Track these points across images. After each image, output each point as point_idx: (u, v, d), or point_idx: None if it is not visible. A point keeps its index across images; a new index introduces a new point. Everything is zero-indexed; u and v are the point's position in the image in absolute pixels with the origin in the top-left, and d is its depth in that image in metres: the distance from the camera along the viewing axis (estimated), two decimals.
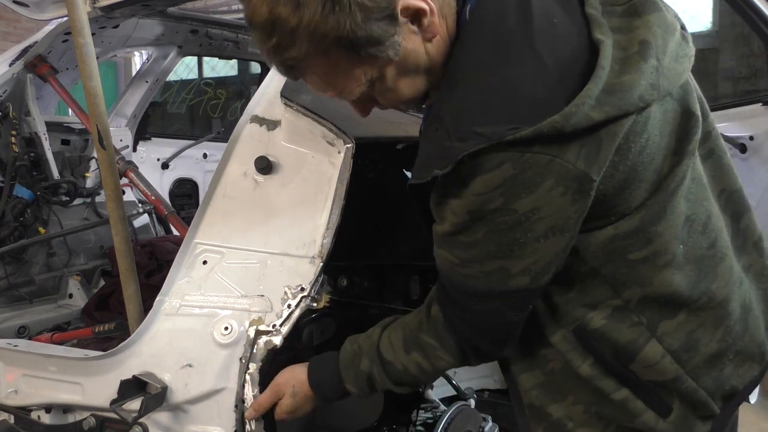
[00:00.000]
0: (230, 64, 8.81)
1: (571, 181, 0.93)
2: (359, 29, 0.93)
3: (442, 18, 1.01)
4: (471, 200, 0.96)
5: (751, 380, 1.15)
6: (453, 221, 1.00)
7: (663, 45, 0.98)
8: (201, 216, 1.56)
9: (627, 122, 0.95)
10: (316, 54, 0.97)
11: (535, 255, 0.99)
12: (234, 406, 1.46)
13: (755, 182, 2.63)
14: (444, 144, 0.95)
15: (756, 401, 2.29)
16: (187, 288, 1.53)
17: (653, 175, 1.01)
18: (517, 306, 1.07)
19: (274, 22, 0.94)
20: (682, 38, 1.04)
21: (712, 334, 1.09)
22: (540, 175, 0.92)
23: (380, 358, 1.24)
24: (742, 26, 3.40)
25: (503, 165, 0.92)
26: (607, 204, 1.00)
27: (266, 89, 1.60)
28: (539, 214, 0.95)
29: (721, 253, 1.10)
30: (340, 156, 1.47)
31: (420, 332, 1.19)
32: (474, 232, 0.99)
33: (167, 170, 4.01)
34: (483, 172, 0.93)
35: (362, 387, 1.28)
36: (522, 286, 1.03)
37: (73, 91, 2.98)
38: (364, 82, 1.02)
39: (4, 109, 2.79)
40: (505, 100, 0.93)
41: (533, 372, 1.17)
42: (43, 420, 1.74)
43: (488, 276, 1.03)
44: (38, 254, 2.93)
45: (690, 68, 1.05)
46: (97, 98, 1.69)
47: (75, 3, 1.64)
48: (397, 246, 1.73)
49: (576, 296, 1.08)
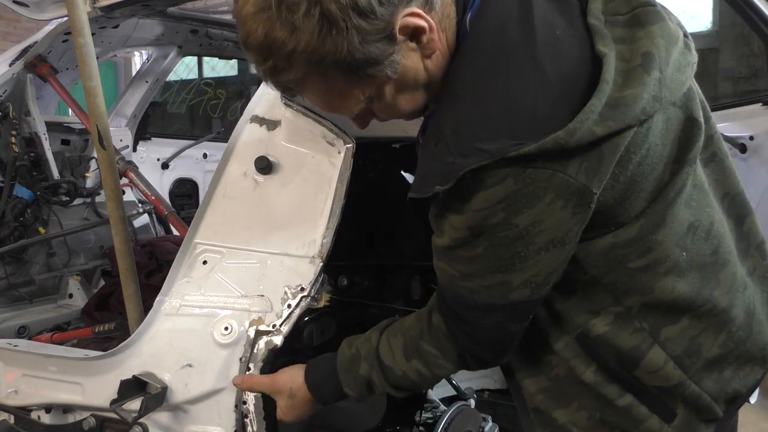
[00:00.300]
0: (230, 64, 8.81)
1: (571, 194, 0.92)
2: (357, 51, 0.92)
3: (442, 32, 0.99)
4: (471, 216, 0.95)
5: (754, 383, 1.15)
6: (452, 236, 0.99)
7: (666, 56, 0.97)
8: (201, 216, 1.56)
9: (629, 135, 0.94)
10: (313, 76, 0.96)
11: (536, 267, 0.99)
12: (234, 406, 1.46)
13: (755, 182, 2.63)
14: (445, 159, 0.93)
15: (756, 401, 2.29)
16: (187, 288, 1.53)
17: (653, 184, 1.01)
18: (518, 317, 1.07)
19: (270, 45, 0.93)
20: (684, 47, 1.03)
21: (715, 339, 1.08)
22: (542, 189, 0.91)
23: (380, 363, 1.23)
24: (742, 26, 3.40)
25: (505, 180, 0.91)
26: (607, 214, 0.99)
27: (266, 89, 1.59)
28: (540, 227, 0.94)
29: (723, 259, 1.09)
30: (340, 156, 1.47)
31: (421, 340, 1.18)
32: (474, 246, 0.98)
33: (167, 170, 4.01)
34: (485, 188, 0.92)
35: (361, 391, 1.27)
36: (523, 298, 1.02)
37: (73, 91, 2.98)
38: (363, 100, 1.01)
39: (4, 109, 2.79)
40: (506, 113, 0.92)
41: (538, 377, 1.17)
42: (43, 420, 1.74)
43: (489, 289, 1.02)
44: (38, 254, 2.93)
45: (692, 76, 1.04)
46: (97, 98, 1.69)
47: (75, 3, 1.64)
48: (397, 245, 1.73)
49: (578, 303, 1.08)
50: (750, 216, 1.17)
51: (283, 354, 1.47)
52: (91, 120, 1.71)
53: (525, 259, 0.97)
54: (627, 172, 0.97)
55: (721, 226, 1.10)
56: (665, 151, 1.01)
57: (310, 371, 1.33)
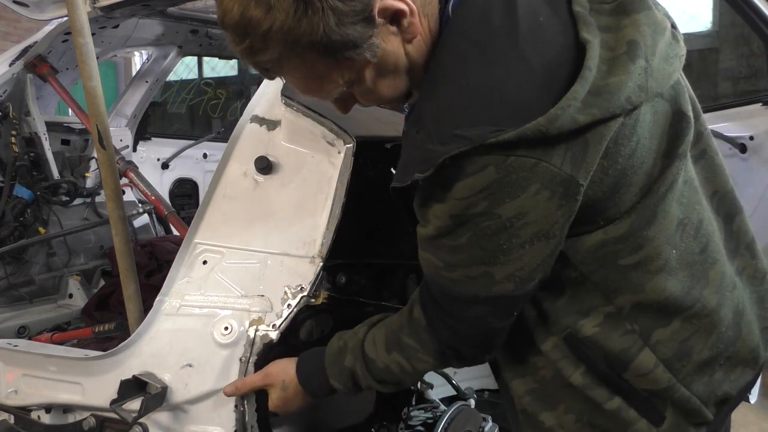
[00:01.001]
0: (230, 64, 8.80)
1: (557, 185, 0.91)
2: (333, 33, 0.91)
3: (424, 17, 0.98)
4: (454, 204, 0.94)
5: (744, 385, 1.13)
6: (436, 225, 0.98)
7: (652, 45, 0.96)
8: (201, 216, 1.56)
9: (614, 125, 0.93)
10: (290, 57, 0.95)
11: (521, 261, 0.98)
12: (234, 406, 1.46)
13: (755, 182, 2.63)
14: (426, 146, 0.93)
15: (756, 401, 2.28)
16: (187, 288, 1.53)
17: (643, 179, 1.00)
18: (501, 313, 1.05)
19: (246, 24, 0.92)
20: (672, 38, 1.02)
21: (705, 342, 1.07)
22: (525, 179, 0.90)
23: (363, 355, 1.23)
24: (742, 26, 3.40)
25: (486, 168, 0.90)
26: (596, 208, 0.98)
27: (266, 89, 1.60)
28: (524, 219, 0.93)
29: (712, 258, 1.08)
30: (340, 156, 1.47)
31: (401, 333, 1.18)
32: (458, 236, 0.97)
33: (167, 170, 4.01)
34: (465, 176, 0.91)
35: (346, 383, 1.27)
36: (506, 292, 1.01)
37: (73, 91, 2.98)
38: (342, 83, 1.00)
39: (4, 109, 2.79)
40: (487, 101, 0.91)
41: (525, 379, 1.15)
42: (43, 420, 1.74)
43: (473, 281, 1.01)
44: (38, 254, 2.93)
45: (681, 68, 1.03)
46: (97, 98, 1.70)
47: (75, 3, 1.64)
48: (397, 245, 1.72)
49: (567, 303, 1.06)
50: (739, 215, 1.16)
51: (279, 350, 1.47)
52: (91, 120, 1.71)
53: (509, 252, 0.96)
54: (617, 165, 0.96)
55: (709, 224, 1.09)
56: (654, 144, 1.00)
57: (301, 364, 1.33)
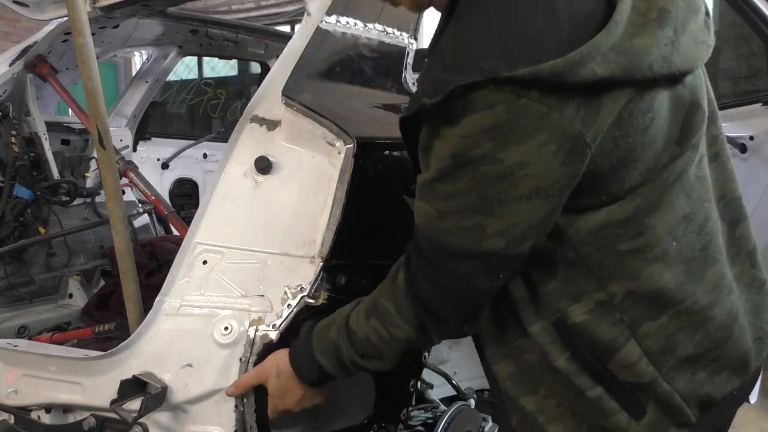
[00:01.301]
0: (230, 64, 8.82)
1: (565, 140, 0.91)
2: None
3: None
4: (457, 142, 0.93)
5: (730, 392, 1.12)
6: (437, 167, 0.98)
7: (683, 20, 0.96)
8: (201, 216, 1.56)
9: (630, 92, 0.93)
10: None
11: (515, 216, 0.96)
12: (234, 406, 1.46)
13: (755, 182, 2.64)
14: (439, 75, 0.93)
15: (756, 401, 2.29)
16: (187, 288, 1.53)
17: (651, 160, 0.99)
18: (488, 272, 1.03)
19: None
20: (705, 24, 1.02)
21: (691, 339, 1.06)
22: (534, 128, 0.89)
23: (347, 327, 1.22)
24: (742, 26, 3.40)
25: (496, 107, 0.89)
26: (599, 180, 0.98)
27: (266, 89, 1.60)
28: (526, 170, 0.92)
29: (712, 257, 1.08)
30: (340, 156, 1.47)
31: (380, 297, 1.18)
32: (456, 179, 0.96)
33: (167, 170, 4.00)
34: (474, 111, 0.90)
35: (330, 359, 1.25)
36: (496, 249, 0.99)
37: (73, 91, 2.98)
38: None
39: (4, 109, 2.79)
40: (508, 38, 0.90)
41: (506, 361, 1.15)
42: (43, 420, 1.74)
43: (464, 232, 1.00)
44: (38, 254, 2.92)
45: (706, 58, 1.03)
46: (97, 98, 1.69)
47: (75, 3, 1.64)
48: (396, 245, 1.72)
49: (559, 286, 1.06)
50: (744, 221, 1.16)
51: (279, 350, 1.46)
52: (91, 120, 1.71)
53: (504, 203, 0.95)
54: (629, 138, 0.95)
55: (715, 225, 1.09)
56: (666, 128, 1.00)
57: (293, 347, 1.33)
